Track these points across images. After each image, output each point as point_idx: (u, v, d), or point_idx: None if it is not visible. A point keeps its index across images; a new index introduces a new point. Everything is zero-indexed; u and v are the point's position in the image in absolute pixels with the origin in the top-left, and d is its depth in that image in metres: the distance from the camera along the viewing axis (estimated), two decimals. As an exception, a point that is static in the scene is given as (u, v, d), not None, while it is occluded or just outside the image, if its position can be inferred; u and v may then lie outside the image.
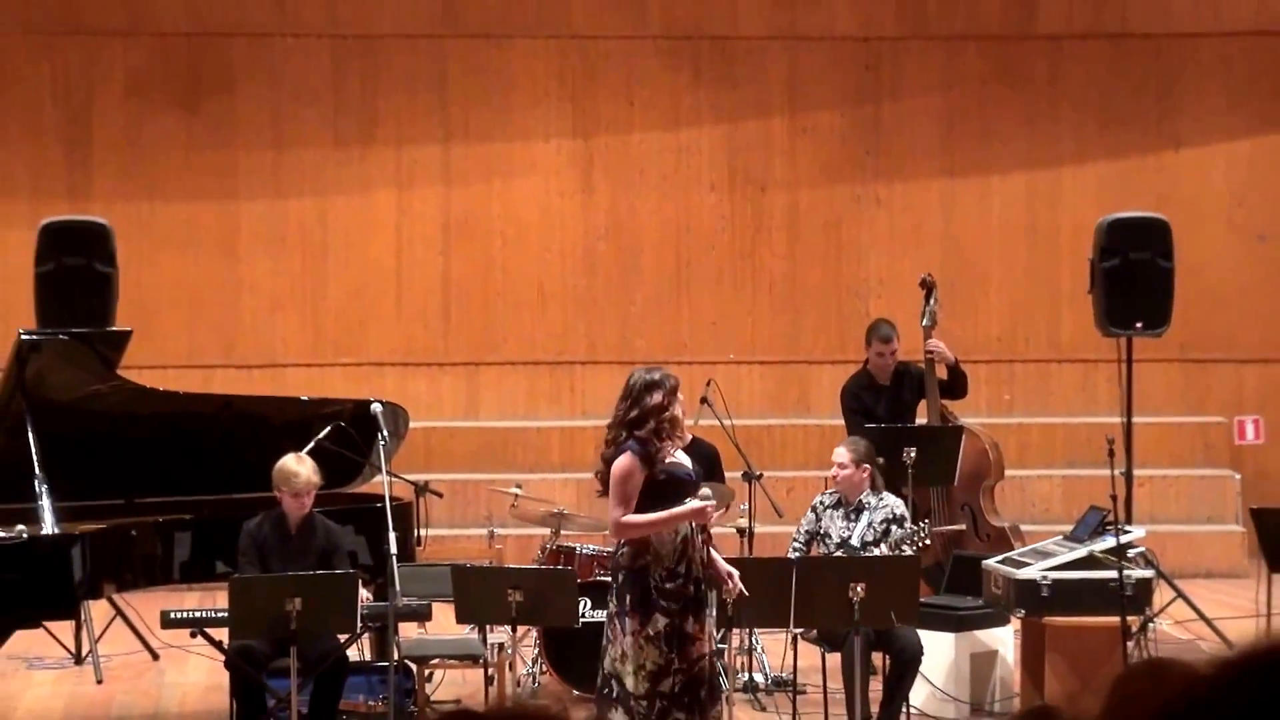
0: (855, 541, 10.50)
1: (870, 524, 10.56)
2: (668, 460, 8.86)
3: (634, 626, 8.75)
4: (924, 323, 12.56)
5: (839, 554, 10.37)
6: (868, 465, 10.66)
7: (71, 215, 13.98)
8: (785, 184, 16.94)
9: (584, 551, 11.22)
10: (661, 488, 8.81)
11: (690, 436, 9.54)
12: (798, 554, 10.57)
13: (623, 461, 8.81)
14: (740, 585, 9.04)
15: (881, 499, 10.68)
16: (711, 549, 9.02)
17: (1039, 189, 17.01)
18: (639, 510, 8.78)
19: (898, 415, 12.32)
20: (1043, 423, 16.54)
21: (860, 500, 10.62)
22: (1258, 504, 12.07)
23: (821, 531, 10.65)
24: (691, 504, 8.78)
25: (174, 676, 12.04)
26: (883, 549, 10.41)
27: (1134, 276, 12.97)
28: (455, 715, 1.87)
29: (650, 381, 8.89)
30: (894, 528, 10.54)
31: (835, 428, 12.92)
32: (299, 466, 10.04)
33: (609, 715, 8.79)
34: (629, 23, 16.75)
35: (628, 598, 8.82)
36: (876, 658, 10.44)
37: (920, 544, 10.78)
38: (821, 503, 10.76)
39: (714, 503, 9.01)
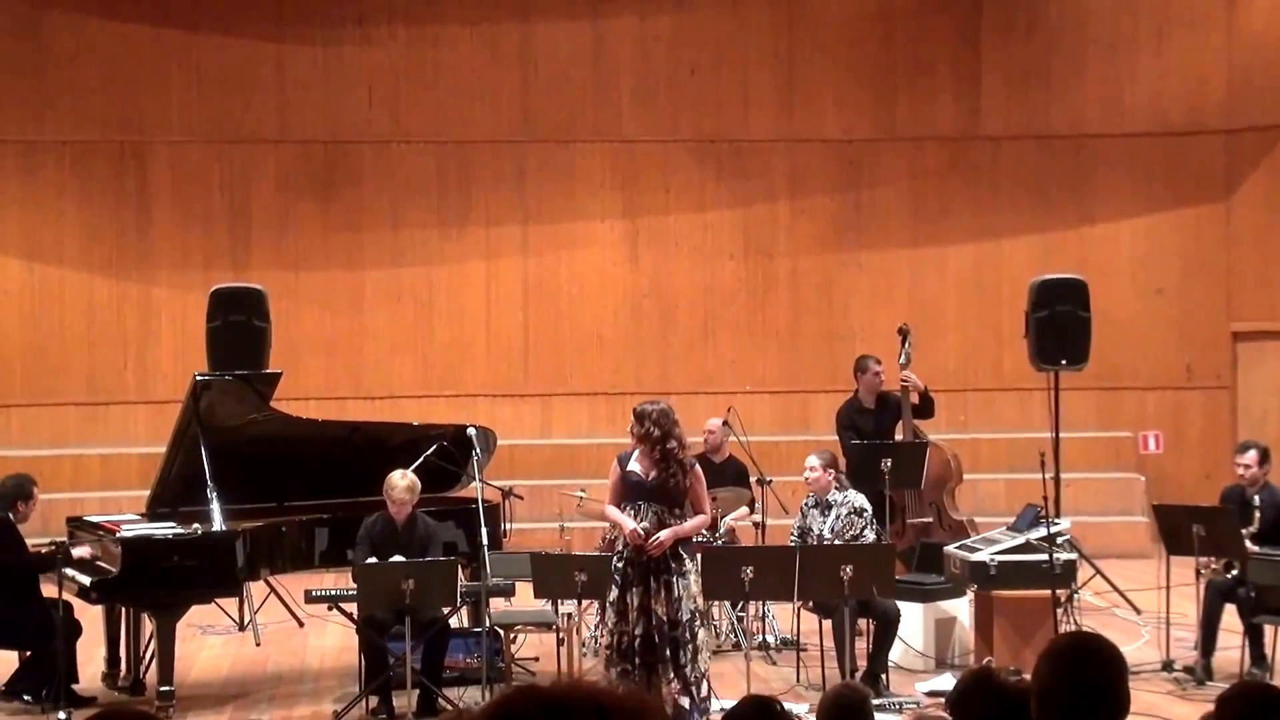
0: (826, 533, 10.37)
1: (838, 516, 10.43)
2: (631, 468, 9.20)
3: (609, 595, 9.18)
4: (900, 360, 12.44)
5: (827, 542, 10.27)
6: (831, 469, 10.59)
7: (234, 282, 13.98)
8: (788, 253, 16.86)
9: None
10: (623, 485, 9.21)
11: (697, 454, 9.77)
12: (795, 544, 10.45)
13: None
14: (650, 544, 9.01)
15: (845, 495, 10.54)
16: (668, 530, 9.06)
17: (984, 256, 16.89)
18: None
19: (880, 433, 12.22)
20: (990, 438, 16.38)
21: (828, 499, 10.50)
22: (1158, 501, 11.91)
23: (807, 527, 10.54)
24: (628, 524, 9.05)
25: (315, 640, 11.98)
26: (856, 533, 10.30)
27: (1059, 324, 12.87)
28: (523, 690, 1.78)
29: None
30: (855, 517, 10.40)
31: (829, 443, 12.78)
32: (400, 481, 9.99)
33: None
34: (666, 130, 16.73)
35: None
36: (862, 623, 10.32)
37: (879, 536, 10.73)
38: (806, 504, 10.63)
39: (641, 529, 9.03)
